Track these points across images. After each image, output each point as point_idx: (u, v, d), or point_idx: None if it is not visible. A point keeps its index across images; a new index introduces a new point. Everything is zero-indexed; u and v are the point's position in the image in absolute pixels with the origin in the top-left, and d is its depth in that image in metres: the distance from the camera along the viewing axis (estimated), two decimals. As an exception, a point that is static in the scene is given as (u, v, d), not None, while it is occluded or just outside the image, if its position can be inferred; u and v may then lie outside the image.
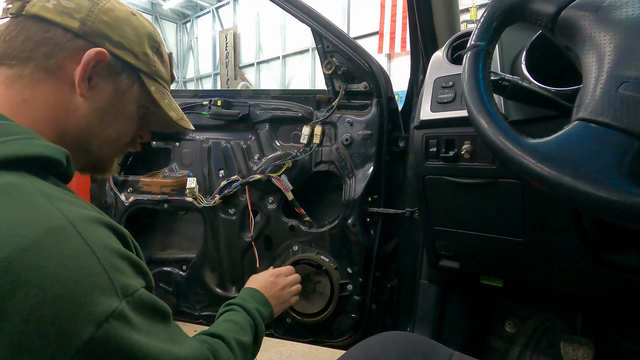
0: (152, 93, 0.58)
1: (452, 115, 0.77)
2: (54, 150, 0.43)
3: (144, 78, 0.57)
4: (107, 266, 0.36)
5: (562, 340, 0.97)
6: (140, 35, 0.55)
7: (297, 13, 1.12)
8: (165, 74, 0.61)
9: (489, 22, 0.55)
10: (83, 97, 0.50)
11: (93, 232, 0.37)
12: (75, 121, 0.51)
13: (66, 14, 0.49)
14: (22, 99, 0.47)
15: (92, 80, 0.51)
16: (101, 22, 0.51)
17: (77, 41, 0.49)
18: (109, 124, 0.55)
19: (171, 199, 1.32)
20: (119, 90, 0.54)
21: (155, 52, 0.58)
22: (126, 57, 0.54)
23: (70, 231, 0.35)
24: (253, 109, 1.26)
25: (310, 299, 1.24)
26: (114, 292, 0.36)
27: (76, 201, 0.41)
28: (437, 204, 0.87)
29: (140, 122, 0.62)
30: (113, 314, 0.35)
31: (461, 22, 2.59)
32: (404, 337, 0.65)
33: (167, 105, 0.60)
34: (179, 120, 0.63)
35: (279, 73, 10.25)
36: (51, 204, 0.36)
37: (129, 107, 0.57)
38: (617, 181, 0.39)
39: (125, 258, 0.40)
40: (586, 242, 0.70)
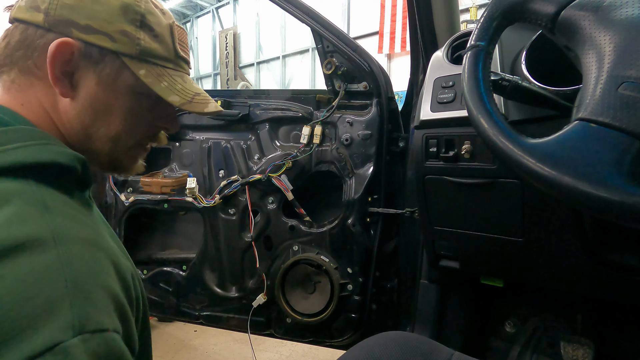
0: (141, 77, 0.49)
1: (452, 115, 0.77)
2: (68, 157, 0.41)
3: (128, 62, 0.48)
4: (73, 291, 0.31)
5: (562, 340, 0.97)
6: (113, 10, 0.46)
7: (297, 13, 1.12)
8: (162, 49, 0.50)
9: (489, 22, 0.55)
10: (66, 97, 0.46)
11: (76, 253, 0.34)
12: (69, 123, 0.48)
13: (34, 8, 0.45)
14: (20, 104, 0.46)
15: (74, 75, 0.46)
16: (64, 7, 0.45)
17: (47, 35, 0.45)
18: (102, 122, 0.49)
19: (171, 199, 1.32)
20: (103, 83, 0.47)
21: (139, 26, 0.48)
22: (99, 41, 0.46)
23: (48, 246, 0.32)
24: (253, 109, 1.26)
25: (310, 299, 1.24)
26: (69, 322, 0.30)
27: (78, 217, 0.38)
28: (437, 204, 0.87)
29: (155, 112, 0.53)
30: (53, 349, 0.28)
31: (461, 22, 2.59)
32: (404, 337, 0.65)
33: (164, 89, 0.50)
34: (185, 105, 0.52)
35: (279, 73, 10.24)
36: (43, 216, 0.34)
37: (122, 99, 0.49)
38: (617, 181, 0.39)
39: (105, 289, 0.34)
40: (586, 242, 0.70)
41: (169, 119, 0.56)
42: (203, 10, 12.16)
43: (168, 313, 1.41)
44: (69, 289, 0.31)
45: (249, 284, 1.30)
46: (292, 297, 1.24)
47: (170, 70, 0.52)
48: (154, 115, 0.53)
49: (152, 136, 0.56)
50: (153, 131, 0.56)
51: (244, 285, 1.31)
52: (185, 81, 0.53)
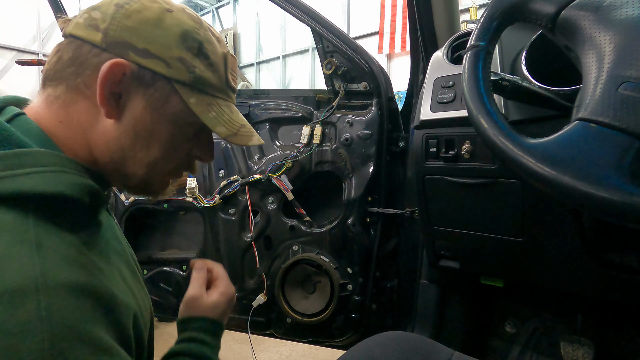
0: (191, 106, 0.47)
1: (452, 115, 0.77)
2: (76, 189, 0.39)
3: (181, 89, 0.47)
4: (52, 351, 0.29)
5: (562, 340, 0.97)
6: (172, 37, 0.46)
7: (297, 13, 1.12)
8: (215, 79, 0.49)
9: (489, 22, 0.55)
10: (111, 118, 0.45)
11: (57, 303, 0.31)
12: (106, 144, 0.46)
13: (93, 26, 0.44)
14: (58, 120, 0.45)
15: (122, 97, 0.45)
16: (124, 28, 0.44)
17: (102, 55, 0.44)
18: (142, 146, 0.47)
19: (171, 199, 1.32)
20: (150, 107, 0.46)
21: (196, 54, 0.47)
22: (155, 66, 0.45)
23: (28, 297, 0.30)
24: (253, 109, 1.26)
25: (310, 299, 1.24)
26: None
27: (74, 257, 0.36)
28: (437, 204, 0.87)
29: (194, 142, 0.52)
30: None
31: (461, 22, 2.59)
32: (404, 337, 0.65)
33: (212, 120, 0.48)
34: (231, 137, 0.50)
35: (279, 73, 10.24)
36: (31, 257, 0.32)
37: (167, 126, 0.48)
38: (617, 181, 0.39)
39: (87, 343, 0.32)
40: (586, 242, 0.70)
41: (206, 149, 0.55)
42: (203, 10, 12.16)
43: (168, 313, 1.41)
44: (45, 350, 0.29)
45: (249, 284, 1.30)
46: (292, 297, 1.24)
47: (219, 100, 0.51)
48: (193, 144, 0.52)
49: (187, 165, 0.55)
50: (189, 160, 0.54)
51: (244, 285, 1.31)
52: (232, 111, 0.52)
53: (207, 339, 0.59)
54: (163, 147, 0.48)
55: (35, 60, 1.41)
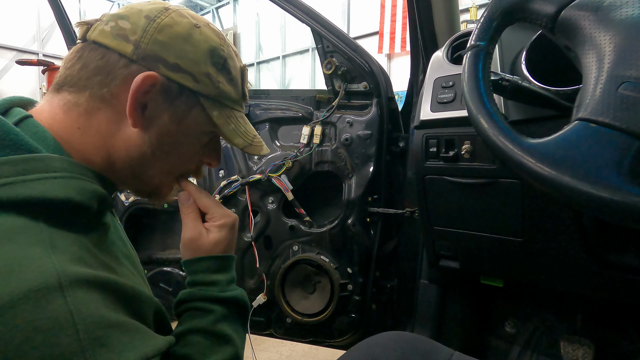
0: (214, 119, 0.50)
1: (452, 115, 0.77)
2: (86, 195, 0.40)
3: (205, 102, 0.49)
4: (88, 342, 0.30)
5: (562, 340, 0.97)
6: (201, 53, 0.48)
7: (297, 13, 1.12)
8: (234, 93, 0.52)
9: (489, 22, 0.55)
10: (136, 127, 0.46)
11: (82, 297, 0.32)
12: (127, 151, 0.47)
13: (122, 36, 0.45)
14: (77, 127, 0.45)
15: (147, 108, 0.46)
16: (156, 42, 0.45)
17: (131, 67, 0.45)
18: (163, 154, 0.49)
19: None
20: (175, 118, 0.48)
21: (220, 69, 0.50)
22: (183, 80, 0.47)
23: (54, 294, 0.31)
24: (253, 109, 1.26)
25: (310, 299, 1.24)
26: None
27: (86, 257, 0.37)
28: (437, 204, 0.87)
29: (206, 150, 0.54)
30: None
31: (461, 22, 2.59)
32: (404, 337, 0.64)
33: (232, 131, 0.51)
34: (247, 148, 0.53)
35: (279, 73, 10.24)
36: (49, 257, 0.33)
37: (188, 135, 0.50)
38: (617, 181, 0.39)
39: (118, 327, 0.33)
40: (586, 242, 0.70)
41: (214, 155, 0.57)
42: (203, 10, 12.17)
43: (168, 313, 1.41)
44: (81, 340, 0.30)
45: (249, 284, 1.30)
46: (292, 297, 1.24)
47: (236, 112, 0.53)
48: (204, 151, 0.54)
49: (196, 170, 0.56)
50: (199, 165, 0.56)
51: (244, 285, 1.31)
52: (245, 123, 0.55)
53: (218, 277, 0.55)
54: (181, 154, 0.51)
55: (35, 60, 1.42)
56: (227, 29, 11.26)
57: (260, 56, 10.70)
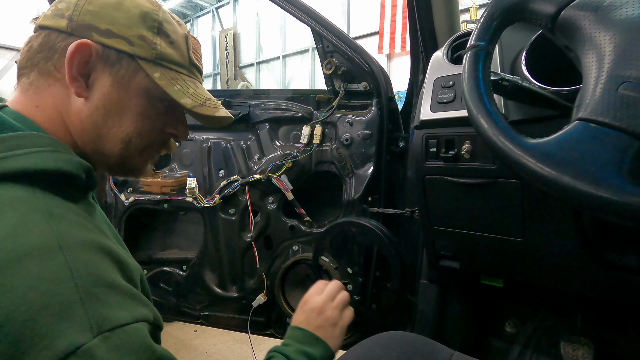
0: (155, 80, 0.50)
1: (452, 115, 0.77)
2: (73, 165, 0.42)
3: (144, 65, 0.49)
4: (85, 295, 0.32)
5: (562, 340, 0.97)
6: (132, 17, 0.49)
7: (297, 13, 1.12)
8: (177, 55, 0.52)
9: (489, 22, 0.55)
10: (81, 97, 0.48)
11: (81, 257, 0.35)
12: (80, 123, 0.48)
13: (59, 15, 0.48)
14: (34, 105, 0.47)
15: (90, 77, 0.48)
16: (87, 13, 0.47)
17: (68, 39, 0.47)
18: (114, 122, 0.50)
19: (171, 199, 1.32)
20: (117, 84, 0.49)
21: (156, 32, 0.50)
22: (118, 44, 0.48)
23: (54, 253, 0.33)
24: (253, 109, 1.26)
25: (310, 299, 1.24)
26: (86, 324, 0.31)
27: (82, 222, 0.39)
28: (437, 204, 0.87)
29: (166, 118, 0.54)
30: (76, 352, 0.29)
31: (461, 22, 2.59)
32: (404, 337, 0.64)
33: (177, 92, 0.51)
34: (197, 107, 0.53)
35: (279, 73, 10.24)
36: (48, 223, 0.35)
37: (135, 101, 0.50)
38: (617, 181, 0.39)
39: (115, 288, 0.35)
40: (586, 242, 0.70)
41: (179, 126, 0.57)
42: (203, 10, 12.16)
43: (168, 313, 1.41)
44: (80, 293, 0.32)
45: (249, 284, 1.30)
46: (292, 297, 1.24)
47: (184, 76, 0.53)
48: (165, 121, 0.55)
49: (163, 142, 0.57)
50: (163, 137, 0.57)
51: (244, 285, 1.31)
52: (197, 87, 0.55)
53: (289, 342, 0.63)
54: (135, 121, 0.51)
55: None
56: (227, 29, 11.27)
57: (260, 56, 10.70)
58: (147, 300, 0.39)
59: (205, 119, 0.56)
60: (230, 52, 10.98)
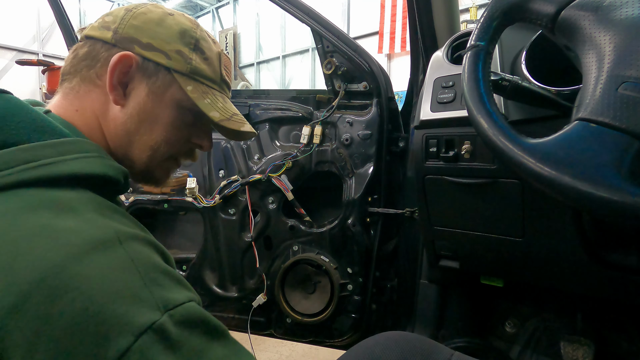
0: (188, 93, 0.53)
1: (452, 115, 0.77)
2: (115, 171, 0.46)
3: (179, 77, 0.53)
4: (148, 280, 0.36)
5: (562, 340, 0.97)
6: (172, 33, 0.53)
7: (297, 13, 1.12)
8: (209, 71, 0.56)
9: (489, 22, 0.55)
10: (118, 105, 0.52)
11: (136, 249, 0.38)
12: (115, 129, 0.52)
13: (105, 27, 0.52)
14: (74, 109, 0.51)
15: (128, 86, 0.52)
16: (131, 27, 0.52)
17: (112, 50, 0.51)
18: (146, 130, 0.53)
19: (171, 199, 1.32)
20: (152, 94, 0.53)
21: (193, 48, 0.54)
22: (157, 57, 0.52)
23: (116, 246, 0.37)
24: (253, 109, 1.26)
25: (310, 299, 1.24)
26: (155, 305, 0.35)
27: (125, 220, 0.43)
28: (437, 204, 0.87)
29: (193, 130, 0.58)
30: (152, 327, 0.34)
31: (461, 22, 2.59)
32: (404, 337, 0.64)
33: (207, 105, 0.54)
34: (225, 122, 0.56)
35: (279, 73, 10.25)
36: (104, 221, 0.39)
37: (167, 111, 0.54)
38: (617, 181, 0.39)
39: (168, 274, 0.39)
40: (586, 242, 0.70)
41: (205, 137, 0.61)
42: (203, 10, 12.16)
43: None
44: (144, 279, 0.36)
45: (249, 284, 1.30)
46: (292, 297, 1.24)
47: (214, 91, 0.57)
48: (192, 132, 0.58)
49: (188, 152, 0.61)
50: (189, 147, 0.60)
51: (244, 285, 1.31)
52: (225, 102, 0.59)
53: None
54: (165, 130, 0.55)
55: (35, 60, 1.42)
56: (227, 29, 11.27)
57: (260, 56, 10.70)
58: (189, 284, 0.43)
59: (230, 132, 0.59)
60: (230, 52, 10.98)
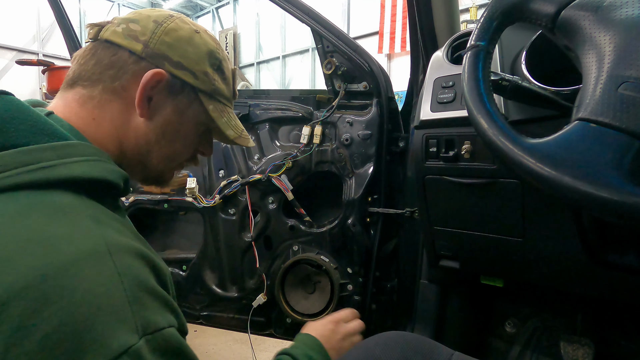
0: (209, 112, 0.57)
1: (452, 115, 0.77)
2: (116, 175, 0.46)
3: (202, 97, 0.56)
4: (132, 299, 0.35)
5: (562, 340, 0.97)
6: (201, 54, 0.55)
7: (297, 13, 1.12)
8: (226, 91, 0.60)
9: (489, 22, 0.55)
10: (143, 117, 0.52)
11: (126, 263, 0.37)
12: (135, 140, 0.53)
13: (132, 37, 0.51)
14: (92, 118, 0.51)
15: (152, 100, 0.53)
16: (163, 43, 0.52)
17: (140, 63, 0.51)
18: (167, 142, 0.56)
19: (171, 199, 1.32)
20: (177, 110, 0.55)
21: (216, 69, 0.58)
22: (185, 77, 0.54)
23: (105, 258, 0.36)
24: (253, 109, 1.26)
25: (310, 299, 1.24)
26: (134, 327, 0.34)
27: (122, 229, 0.42)
28: (437, 204, 0.87)
29: (201, 139, 0.62)
30: (128, 351, 0.32)
31: (461, 22, 2.59)
32: (404, 337, 0.65)
33: (224, 124, 0.59)
34: (237, 139, 0.62)
35: (279, 73, 10.25)
36: (98, 229, 0.38)
37: (187, 126, 0.57)
38: (617, 181, 0.39)
39: (154, 294, 0.38)
40: (586, 242, 0.70)
41: (208, 146, 0.65)
42: (203, 10, 12.16)
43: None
44: (128, 297, 0.35)
45: (249, 284, 1.30)
46: (292, 297, 1.24)
47: (228, 108, 0.61)
48: (200, 141, 0.62)
49: (192, 157, 0.64)
50: (194, 154, 0.64)
51: (244, 285, 1.31)
52: (234, 118, 0.63)
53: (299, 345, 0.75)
54: (181, 143, 0.58)
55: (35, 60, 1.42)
56: (227, 29, 11.27)
57: (260, 56, 10.71)
58: (176, 306, 0.41)
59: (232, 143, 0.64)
60: (230, 52, 10.99)
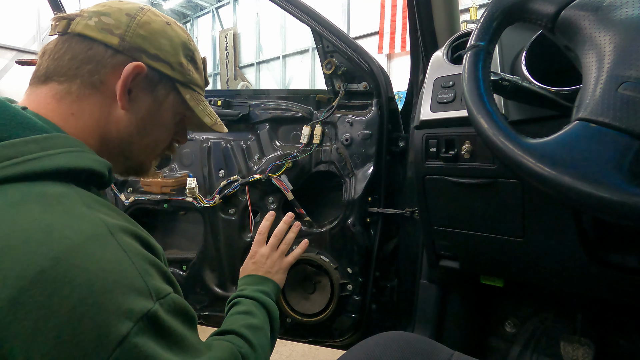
0: (187, 101, 0.59)
1: (452, 115, 0.77)
2: (100, 164, 0.47)
3: (179, 87, 0.58)
4: (141, 271, 0.38)
5: (562, 340, 0.97)
6: (176, 46, 0.57)
7: (297, 13, 1.12)
8: (200, 80, 0.63)
9: (489, 22, 0.55)
10: (124, 110, 0.53)
11: (126, 241, 0.40)
12: (117, 132, 0.54)
13: (106, 30, 0.51)
14: (70, 113, 0.51)
15: (132, 92, 0.53)
16: (138, 36, 0.53)
17: (118, 57, 0.52)
18: (147, 132, 0.57)
19: (171, 199, 1.32)
20: (156, 101, 0.57)
21: (189, 60, 0.60)
22: (162, 68, 0.55)
23: (108, 238, 0.38)
24: (253, 109, 1.26)
25: (310, 299, 1.24)
26: (148, 294, 0.38)
27: (111, 212, 0.43)
28: (437, 204, 0.87)
29: (177, 127, 0.64)
30: (148, 314, 0.36)
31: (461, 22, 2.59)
32: (404, 337, 0.65)
33: (201, 112, 0.62)
34: (214, 125, 0.65)
35: (279, 73, 10.25)
36: (93, 214, 0.39)
37: (166, 115, 0.59)
38: (617, 181, 0.39)
39: (155, 266, 0.41)
40: (586, 242, 0.70)
41: (183, 133, 0.67)
42: (203, 10, 12.16)
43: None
44: (138, 269, 0.38)
45: (249, 284, 1.30)
46: (292, 297, 1.24)
47: (201, 96, 0.64)
48: (175, 129, 0.64)
49: (169, 146, 0.66)
50: (170, 142, 0.66)
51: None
52: (208, 106, 0.65)
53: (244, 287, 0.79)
54: (160, 132, 0.60)
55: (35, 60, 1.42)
56: (227, 29, 11.27)
57: (260, 56, 10.70)
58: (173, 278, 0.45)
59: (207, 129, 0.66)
60: (230, 52, 10.99)
